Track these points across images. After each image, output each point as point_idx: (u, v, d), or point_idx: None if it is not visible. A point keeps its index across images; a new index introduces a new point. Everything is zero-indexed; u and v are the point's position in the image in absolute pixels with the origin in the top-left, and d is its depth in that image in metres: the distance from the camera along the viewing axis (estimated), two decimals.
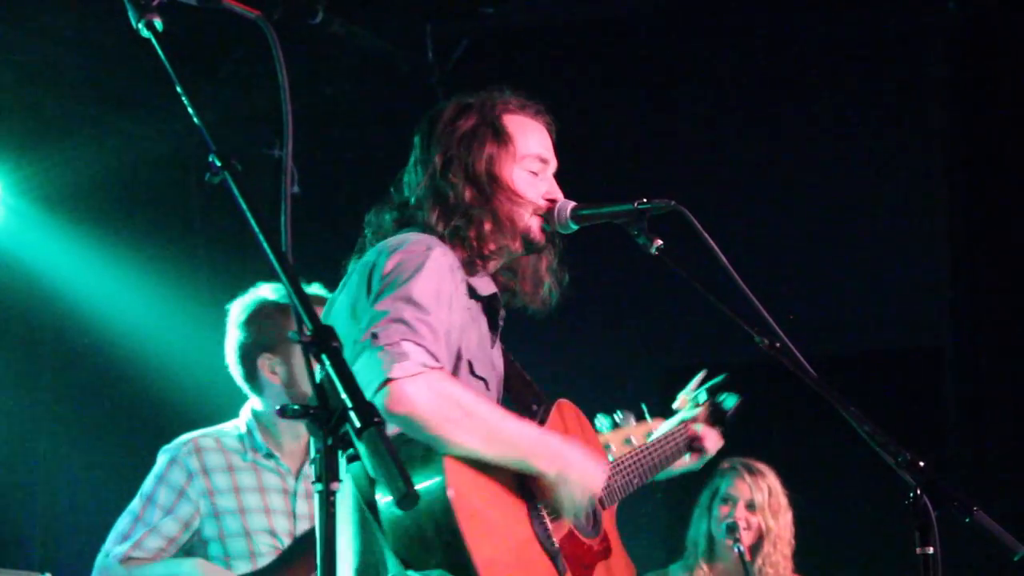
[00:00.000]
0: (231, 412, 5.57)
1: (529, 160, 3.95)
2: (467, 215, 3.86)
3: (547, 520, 3.68)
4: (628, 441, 4.43)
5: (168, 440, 5.30)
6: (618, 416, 4.54)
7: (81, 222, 8.14)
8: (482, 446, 3.47)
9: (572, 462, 3.66)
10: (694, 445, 4.54)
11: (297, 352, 5.14)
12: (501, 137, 3.94)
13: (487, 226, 3.87)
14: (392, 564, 3.42)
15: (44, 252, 8.11)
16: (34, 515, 8.26)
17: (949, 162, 7.59)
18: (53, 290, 8.15)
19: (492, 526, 3.49)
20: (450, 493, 3.38)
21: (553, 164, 4.02)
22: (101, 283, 8.19)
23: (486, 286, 3.91)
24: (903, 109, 7.82)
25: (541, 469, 3.61)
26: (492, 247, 3.88)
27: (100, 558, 5.18)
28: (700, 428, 4.54)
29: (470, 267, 3.87)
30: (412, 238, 3.76)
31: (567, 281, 4.11)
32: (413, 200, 3.93)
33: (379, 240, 3.88)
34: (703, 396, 4.63)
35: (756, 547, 6.43)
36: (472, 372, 3.77)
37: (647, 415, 4.69)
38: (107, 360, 8.13)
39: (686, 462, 4.56)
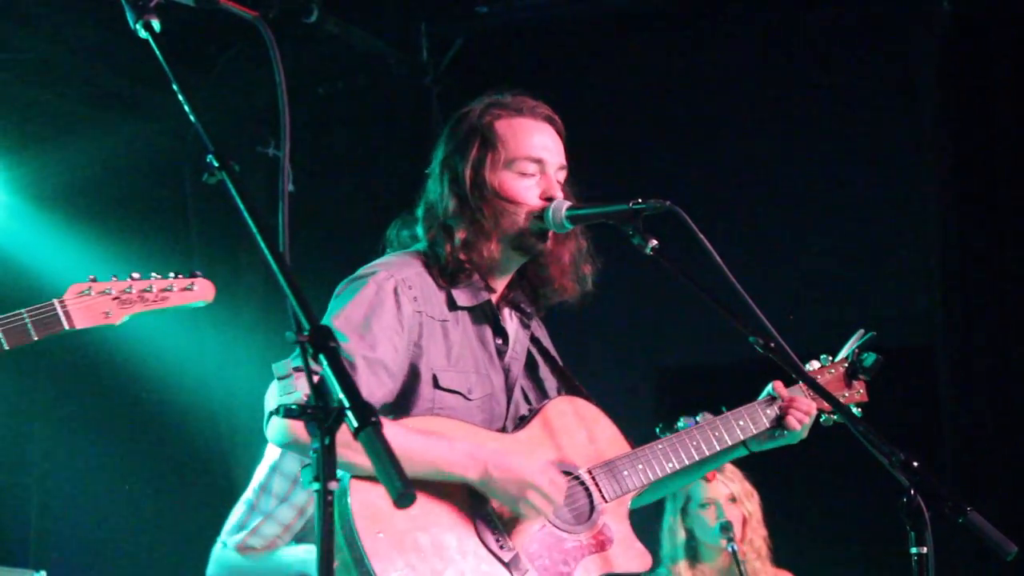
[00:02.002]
0: (224, 406, 5.58)
1: (521, 163, 3.97)
2: (445, 226, 3.94)
3: (499, 523, 3.76)
4: None
5: (159, 439, 5.31)
6: (700, 417, 4.56)
7: (76, 219, 8.14)
8: None
9: (496, 463, 3.70)
10: (782, 414, 4.30)
11: None
12: (488, 143, 3.98)
13: (462, 236, 3.93)
14: None
15: (38, 249, 8.10)
16: (29, 514, 8.27)
17: (940, 161, 7.59)
18: (47, 287, 8.13)
19: (401, 542, 3.59)
20: (356, 523, 3.55)
21: (554, 162, 4.03)
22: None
23: (471, 297, 3.97)
24: (895, 108, 7.82)
25: (465, 477, 3.69)
26: (470, 256, 3.93)
27: (217, 550, 5.19)
28: (794, 394, 4.35)
29: (451, 278, 3.93)
30: (375, 263, 3.92)
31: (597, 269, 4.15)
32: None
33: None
34: (848, 354, 4.57)
35: (741, 537, 6.45)
36: (437, 385, 3.85)
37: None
38: (101, 359, 8.13)
39: (773, 437, 4.34)
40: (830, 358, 4.53)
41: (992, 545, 3.45)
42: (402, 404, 3.83)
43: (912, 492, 3.38)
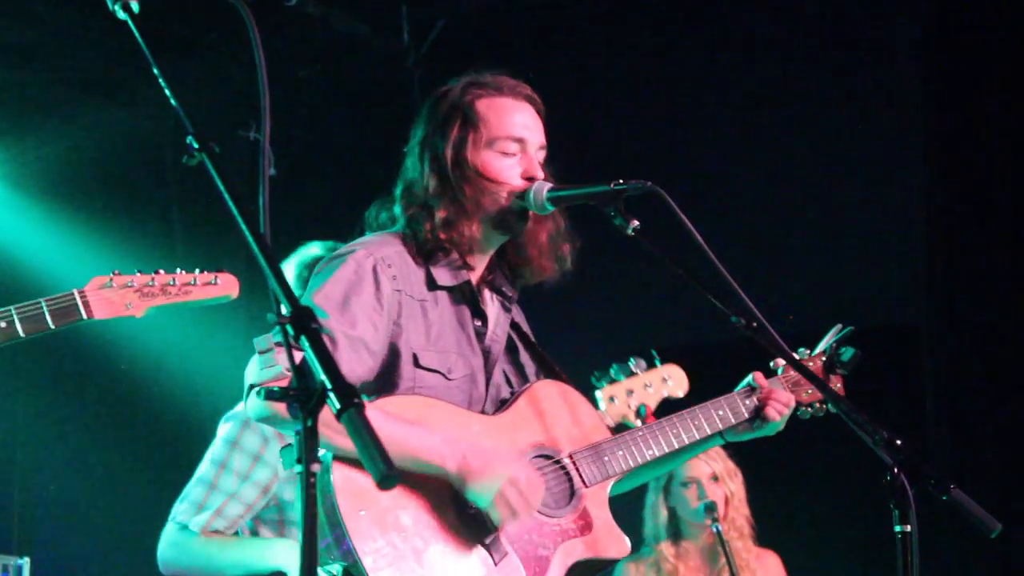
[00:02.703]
0: (207, 391, 5.56)
1: (502, 142, 3.96)
2: (426, 205, 3.94)
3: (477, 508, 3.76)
4: (648, 386, 4.47)
5: (142, 425, 5.28)
6: (632, 362, 4.53)
7: (56, 204, 8.12)
8: None
9: (475, 458, 3.69)
10: (761, 405, 4.27)
11: None
12: (470, 122, 3.96)
13: (443, 215, 3.92)
14: None
15: (20, 233, 8.08)
16: (12, 501, 8.25)
17: (926, 141, 7.60)
18: (28, 273, 8.12)
19: (383, 520, 3.60)
20: (338, 498, 3.55)
21: (534, 141, 4.01)
22: (77, 265, 8.16)
23: (450, 276, 3.97)
24: (880, 89, 7.83)
25: (444, 468, 3.67)
26: (450, 235, 3.93)
27: (173, 532, 5.03)
28: (775, 386, 4.35)
29: (429, 257, 3.93)
30: (354, 243, 3.91)
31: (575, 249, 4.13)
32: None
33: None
34: (826, 348, 4.55)
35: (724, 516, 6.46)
36: (417, 364, 3.84)
37: (657, 361, 4.69)
38: (85, 346, 8.11)
39: (751, 427, 4.30)
40: (808, 351, 4.52)
41: (976, 523, 3.45)
42: (383, 383, 3.82)
43: (896, 470, 3.38)
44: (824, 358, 4.48)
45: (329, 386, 2.35)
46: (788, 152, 7.95)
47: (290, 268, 5.27)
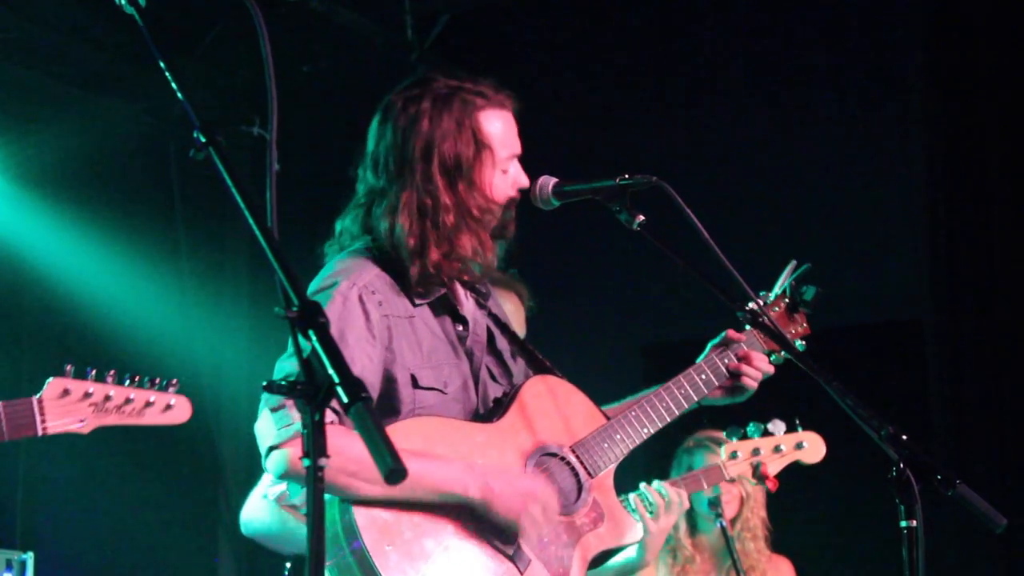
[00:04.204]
0: (211, 385, 5.56)
1: (505, 162, 3.93)
2: (436, 225, 3.83)
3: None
4: (778, 449, 4.64)
5: None
6: (770, 424, 4.55)
7: (60, 200, 8.12)
8: (385, 492, 3.54)
9: (495, 479, 3.71)
10: (734, 371, 4.22)
11: None
12: (478, 145, 3.87)
13: (443, 250, 3.84)
14: None
15: (23, 229, 8.08)
16: (15, 495, 8.25)
17: (928, 135, 7.60)
18: (33, 267, 8.13)
19: (409, 551, 3.61)
20: (364, 538, 3.55)
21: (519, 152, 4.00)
22: (81, 260, 8.18)
23: (429, 289, 3.91)
24: (882, 83, 7.82)
25: (468, 496, 3.68)
26: (453, 267, 3.87)
27: (256, 500, 4.88)
28: (747, 348, 4.30)
29: (406, 273, 3.85)
30: (332, 272, 3.82)
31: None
32: (374, 208, 3.92)
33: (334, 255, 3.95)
34: (784, 288, 4.50)
35: (737, 515, 6.45)
36: (416, 385, 3.82)
37: (798, 427, 4.71)
38: (88, 337, 8.11)
39: (728, 394, 4.29)
40: (768, 294, 4.46)
41: (982, 518, 3.45)
42: (384, 411, 3.79)
43: (901, 465, 3.37)
44: (787, 299, 4.44)
45: (337, 380, 2.35)
46: (791, 147, 7.96)
47: None
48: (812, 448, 4.91)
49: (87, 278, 8.22)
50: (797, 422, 4.69)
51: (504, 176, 3.93)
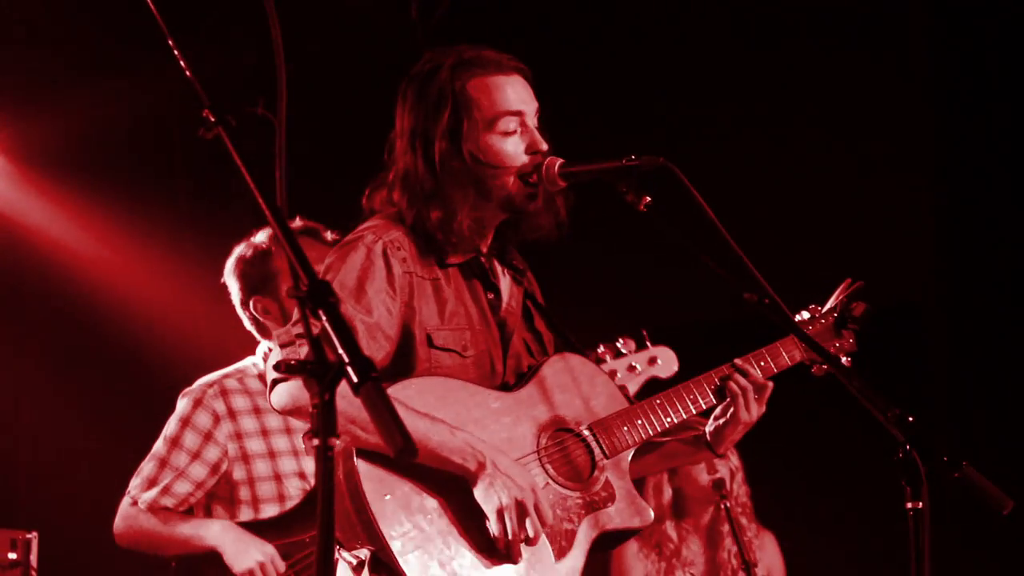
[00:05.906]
0: (216, 365, 5.56)
1: (500, 121, 3.91)
2: (425, 202, 3.89)
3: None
4: (632, 367, 4.46)
5: (149, 396, 5.28)
6: (619, 343, 4.51)
7: (63, 180, 8.11)
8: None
9: (494, 458, 3.73)
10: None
11: (283, 290, 5.20)
12: (463, 108, 3.90)
13: (438, 215, 3.87)
14: None
15: (27, 210, 8.08)
16: (20, 474, 8.26)
17: (933, 120, 7.60)
18: (37, 248, 8.13)
19: (408, 503, 3.64)
20: (360, 473, 3.60)
21: (531, 110, 3.97)
22: (85, 241, 8.17)
23: (459, 253, 3.96)
24: (888, 69, 7.81)
25: (467, 467, 3.70)
26: (451, 230, 3.89)
27: (125, 504, 5.17)
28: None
29: (436, 238, 3.91)
30: (361, 228, 3.91)
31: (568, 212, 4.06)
32: (391, 183, 4.00)
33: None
34: (836, 302, 4.46)
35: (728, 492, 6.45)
36: (431, 344, 3.84)
37: (647, 341, 4.65)
38: (92, 318, 8.12)
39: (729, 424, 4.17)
40: (818, 308, 4.48)
41: (989, 500, 3.45)
42: (400, 366, 3.82)
43: (908, 447, 3.37)
44: (835, 315, 4.43)
45: (347, 360, 2.34)
46: (795, 131, 7.94)
47: (229, 260, 5.33)
48: (666, 362, 4.86)
49: (91, 259, 8.22)
50: (645, 334, 4.64)
51: (505, 138, 3.92)
